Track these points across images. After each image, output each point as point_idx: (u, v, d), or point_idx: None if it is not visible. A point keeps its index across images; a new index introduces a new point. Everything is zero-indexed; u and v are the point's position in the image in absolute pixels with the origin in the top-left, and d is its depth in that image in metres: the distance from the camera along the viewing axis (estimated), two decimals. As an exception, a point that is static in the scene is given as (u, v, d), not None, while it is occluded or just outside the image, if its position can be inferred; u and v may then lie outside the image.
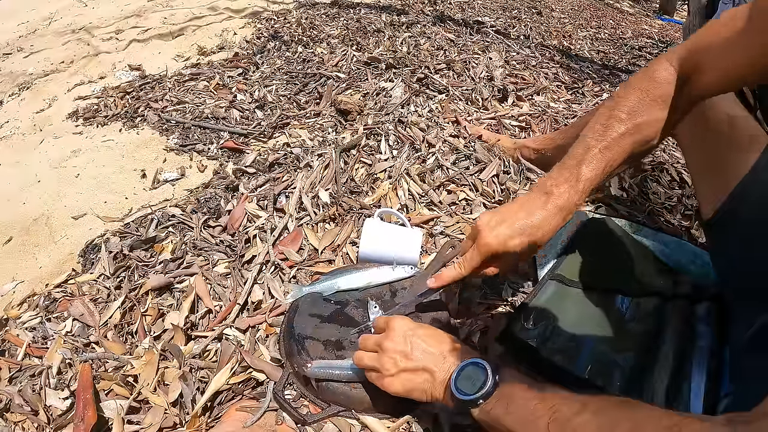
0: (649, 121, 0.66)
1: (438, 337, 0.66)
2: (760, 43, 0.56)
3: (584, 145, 0.67)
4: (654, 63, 0.67)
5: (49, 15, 3.11)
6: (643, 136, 0.67)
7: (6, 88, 2.23)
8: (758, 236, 0.71)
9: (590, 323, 0.81)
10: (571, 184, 0.66)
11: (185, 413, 0.75)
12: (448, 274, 0.73)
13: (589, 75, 2.13)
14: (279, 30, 2.41)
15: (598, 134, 0.67)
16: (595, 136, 0.67)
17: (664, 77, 0.65)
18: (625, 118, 0.66)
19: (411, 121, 1.43)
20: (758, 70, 0.57)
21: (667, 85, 0.65)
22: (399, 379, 0.63)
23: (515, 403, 0.54)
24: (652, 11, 5.05)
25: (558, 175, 0.68)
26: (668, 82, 0.65)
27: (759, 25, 0.55)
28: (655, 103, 0.66)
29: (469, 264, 0.70)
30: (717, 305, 0.80)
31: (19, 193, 1.48)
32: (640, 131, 0.66)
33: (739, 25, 0.58)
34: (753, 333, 0.65)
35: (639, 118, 0.66)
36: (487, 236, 0.67)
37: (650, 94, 0.66)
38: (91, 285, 1.02)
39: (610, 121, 0.67)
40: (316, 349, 0.75)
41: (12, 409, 0.79)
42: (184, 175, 1.43)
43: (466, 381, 0.58)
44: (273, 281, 0.96)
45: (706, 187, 0.83)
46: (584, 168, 0.66)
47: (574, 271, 0.89)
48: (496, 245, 0.67)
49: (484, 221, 0.69)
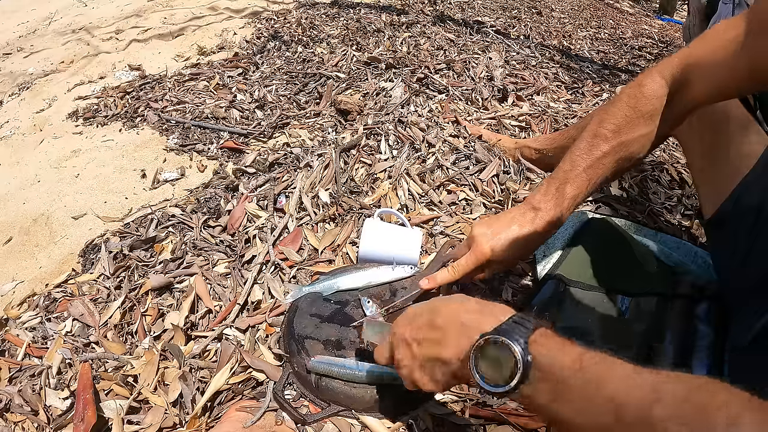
0: (634, 138, 0.69)
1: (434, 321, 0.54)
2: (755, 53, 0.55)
3: (570, 162, 0.73)
4: (645, 76, 0.68)
5: (49, 15, 3.11)
6: (629, 153, 0.71)
7: (6, 88, 2.24)
8: (759, 236, 0.71)
9: (590, 323, 0.81)
10: (557, 201, 0.73)
11: (185, 413, 0.75)
12: (441, 276, 0.78)
13: (589, 75, 2.13)
14: (279, 30, 2.41)
15: (583, 152, 0.71)
16: (581, 154, 0.72)
17: (654, 91, 0.66)
18: (611, 136, 0.69)
19: (411, 121, 1.43)
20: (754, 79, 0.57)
21: (656, 100, 0.67)
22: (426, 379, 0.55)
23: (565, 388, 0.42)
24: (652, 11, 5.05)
25: (546, 191, 0.75)
26: (657, 96, 0.66)
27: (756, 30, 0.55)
28: (641, 119, 0.68)
29: (462, 269, 0.76)
30: (717, 305, 0.80)
31: (19, 193, 1.48)
32: (625, 148, 0.70)
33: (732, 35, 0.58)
34: (756, 332, 0.65)
35: (624, 136, 0.69)
36: (483, 246, 0.74)
37: (638, 110, 0.67)
38: (91, 285, 1.02)
39: (595, 140, 0.70)
40: (316, 348, 0.75)
41: (12, 409, 0.79)
42: (184, 175, 1.43)
43: (489, 366, 0.45)
44: (273, 281, 0.96)
45: (707, 187, 0.83)
46: (568, 187, 0.73)
47: (574, 270, 0.89)
48: (490, 254, 0.74)
49: (480, 232, 0.75)
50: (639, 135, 0.69)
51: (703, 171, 0.85)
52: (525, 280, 0.95)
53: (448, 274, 0.77)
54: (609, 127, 0.69)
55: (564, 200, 0.73)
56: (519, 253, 0.76)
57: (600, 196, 1.17)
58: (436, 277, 0.78)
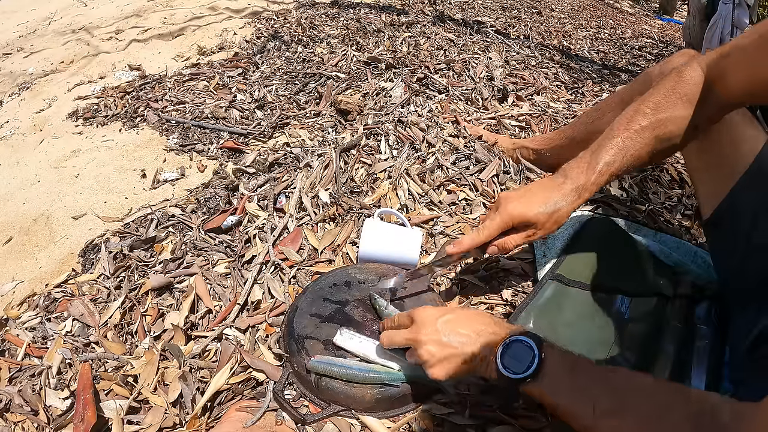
0: (672, 117, 0.70)
1: (468, 318, 0.67)
2: None
3: (608, 134, 0.73)
4: (685, 65, 0.70)
5: (49, 15, 3.11)
6: (666, 132, 0.71)
7: (6, 88, 2.24)
8: (756, 236, 0.71)
9: (590, 323, 0.81)
10: (588, 167, 0.73)
11: (185, 413, 0.75)
12: (466, 240, 0.77)
13: (589, 75, 2.13)
14: (279, 30, 2.41)
15: (622, 125, 0.72)
16: (619, 126, 0.72)
17: (692, 77, 0.69)
18: (650, 112, 0.70)
19: (411, 121, 1.43)
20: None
21: (694, 86, 0.68)
22: (440, 368, 0.64)
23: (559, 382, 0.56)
24: (652, 11, 5.05)
25: (579, 158, 0.74)
26: (695, 82, 0.68)
27: None
28: (680, 100, 0.69)
29: (488, 231, 0.75)
30: (717, 305, 0.80)
31: (19, 193, 1.48)
32: (663, 126, 0.70)
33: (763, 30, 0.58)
34: (755, 337, 0.65)
35: (663, 114, 0.70)
36: (509, 204, 0.74)
37: (676, 91, 0.69)
38: (91, 285, 1.02)
39: (635, 115, 0.71)
40: (315, 348, 0.76)
41: (12, 409, 0.79)
42: (184, 175, 1.43)
43: (512, 359, 0.59)
44: (273, 281, 0.96)
45: (706, 187, 0.83)
46: (603, 153, 0.72)
47: (574, 271, 0.89)
48: (517, 214, 0.74)
49: (506, 195, 0.76)
50: (677, 116, 0.70)
51: (701, 171, 0.85)
52: (525, 280, 0.95)
53: (475, 236, 0.76)
54: (649, 105, 0.71)
55: (595, 167, 0.72)
56: (546, 214, 0.73)
57: (600, 196, 1.17)
58: (462, 242, 0.77)
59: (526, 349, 0.58)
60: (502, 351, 0.60)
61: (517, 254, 1.00)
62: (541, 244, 0.96)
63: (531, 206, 0.73)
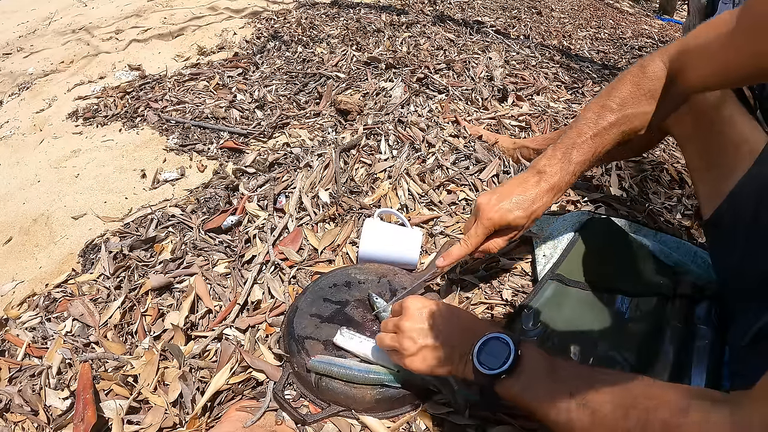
0: (637, 113, 0.72)
1: (454, 312, 0.67)
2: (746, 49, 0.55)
3: (577, 131, 0.75)
4: (648, 58, 0.72)
5: (49, 15, 3.11)
6: (631, 127, 0.73)
7: (6, 88, 2.24)
8: (755, 236, 0.71)
9: (590, 323, 0.81)
10: (562, 165, 0.75)
11: (185, 413, 0.75)
12: (456, 251, 0.78)
13: (589, 75, 2.13)
14: (279, 30, 2.41)
15: (591, 122, 0.74)
16: (588, 123, 0.74)
17: (655, 72, 0.70)
18: (617, 108, 0.73)
19: (411, 121, 1.43)
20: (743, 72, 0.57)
21: (657, 80, 0.70)
22: (420, 356, 0.64)
23: (536, 380, 0.56)
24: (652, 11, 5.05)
25: (551, 156, 0.76)
26: (658, 78, 0.70)
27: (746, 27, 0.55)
28: (644, 96, 0.71)
29: (474, 240, 0.77)
30: (717, 305, 0.80)
31: (19, 193, 1.48)
32: (629, 122, 0.73)
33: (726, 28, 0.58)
34: (754, 333, 0.65)
35: (629, 110, 0.72)
36: (489, 211, 0.75)
37: (641, 88, 0.71)
38: (91, 285, 1.02)
39: (603, 111, 0.73)
40: (315, 349, 0.76)
41: (12, 409, 0.79)
42: (183, 175, 1.43)
43: (488, 355, 0.59)
44: (273, 281, 0.96)
45: (706, 187, 0.83)
46: (575, 152, 0.74)
47: (574, 271, 0.89)
48: (498, 219, 0.75)
49: (485, 200, 0.77)
50: (641, 111, 0.72)
51: (702, 171, 0.85)
52: (525, 280, 0.95)
53: (462, 247, 0.77)
54: (615, 101, 0.73)
55: (570, 165, 0.74)
56: (524, 215, 0.76)
57: (600, 196, 1.17)
58: (451, 253, 0.78)
59: (502, 345, 0.59)
60: (479, 348, 0.60)
61: (517, 254, 1.00)
62: (541, 244, 0.97)
63: (511, 210, 0.75)
